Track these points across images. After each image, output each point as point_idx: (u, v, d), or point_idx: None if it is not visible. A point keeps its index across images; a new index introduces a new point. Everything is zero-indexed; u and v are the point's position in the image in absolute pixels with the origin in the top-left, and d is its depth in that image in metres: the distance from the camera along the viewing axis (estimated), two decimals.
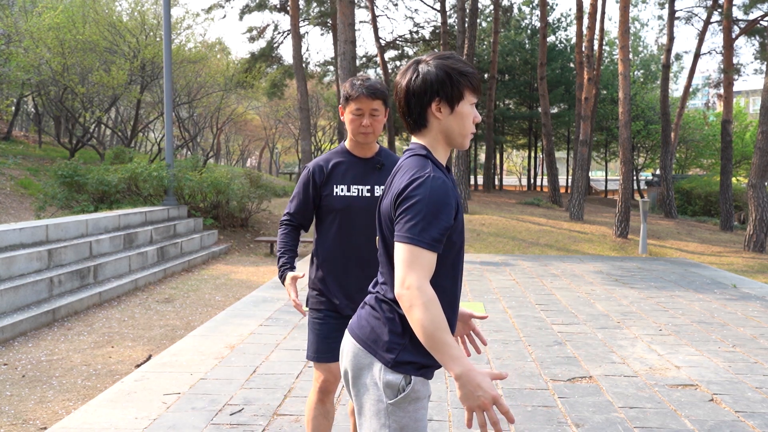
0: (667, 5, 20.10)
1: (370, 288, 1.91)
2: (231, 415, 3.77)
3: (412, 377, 1.70)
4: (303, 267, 9.83)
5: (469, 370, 1.52)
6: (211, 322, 6.17)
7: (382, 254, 1.80)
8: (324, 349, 2.61)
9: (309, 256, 2.88)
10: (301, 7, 23.00)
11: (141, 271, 8.63)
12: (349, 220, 2.61)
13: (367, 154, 2.68)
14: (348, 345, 1.82)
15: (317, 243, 2.70)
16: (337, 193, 2.62)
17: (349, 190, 2.62)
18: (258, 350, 5.17)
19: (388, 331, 1.72)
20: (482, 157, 30.27)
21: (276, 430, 3.57)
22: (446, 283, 1.75)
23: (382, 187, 2.60)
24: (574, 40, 27.07)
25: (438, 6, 23.15)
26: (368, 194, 2.63)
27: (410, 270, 1.57)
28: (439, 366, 1.78)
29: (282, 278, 2.67)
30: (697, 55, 21.00)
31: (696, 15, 22.31)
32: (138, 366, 4.91)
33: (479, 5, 23.35)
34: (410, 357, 1.70)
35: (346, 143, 2.70)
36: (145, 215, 10.25)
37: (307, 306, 2.72)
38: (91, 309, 6.95)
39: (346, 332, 1.87)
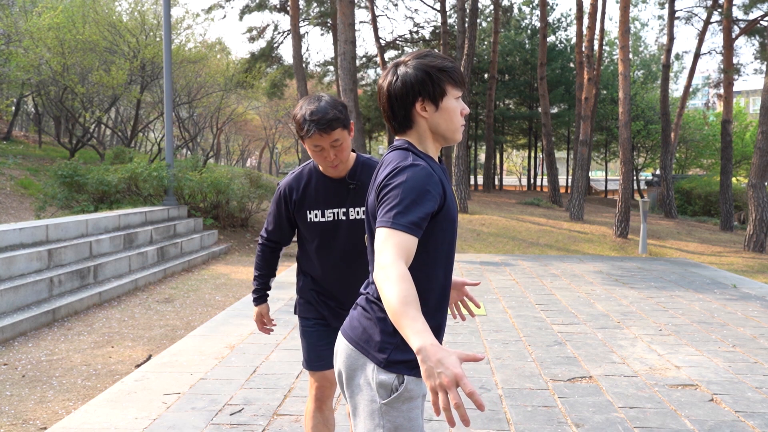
0: (667, 5, 20.11)
1: (361, 290, 1.90)
2: (231, 415, 3.77)
3: (405, 376, 1.69)
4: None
5: (431, 344, 1.39)
6: (211, 322, 6.17)
7: (371, 252, 1.80)
8: (314, 357, 2.57)
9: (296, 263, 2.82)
10: (301, 7, 22.99)
11: (141, 271, 8.63)
12: (326, 245, 2.51)
13: (340, 173, 2.46)
14: (341, 346, 1.82)
15: (299, 256, 2.65)
16: (311, 219, 2.48)
17: (323, 215, 2.47)
18: (258, 350, 5.18)
19: (379, 331, 1.72)
20: (482, 157, 30.27)
21: (276, 430, 3.57)
22: (439, 273, 1.75)
23: (357, 208, 2.49)
24: (574, 40, 27.07)
25: (438, 6, 23.16)
26: (344, 217, 2.47)
27: (384, 251, 1.55)
28: None
29: (255, 303, 2.73)
30: (697, 55, 21.00)
31: (696, 15, 22.31)
32: (138, 366, 4.91)
33: (479, 5, 23.33)
34: (402, 356, 1.70)
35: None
36: (145, 215, 10.25)
37: (296, 313, 2.70)
38: (91, 309, 6.95)
39: (339, 333, 1.87)
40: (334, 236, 2.49)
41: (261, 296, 2.71)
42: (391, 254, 1.53)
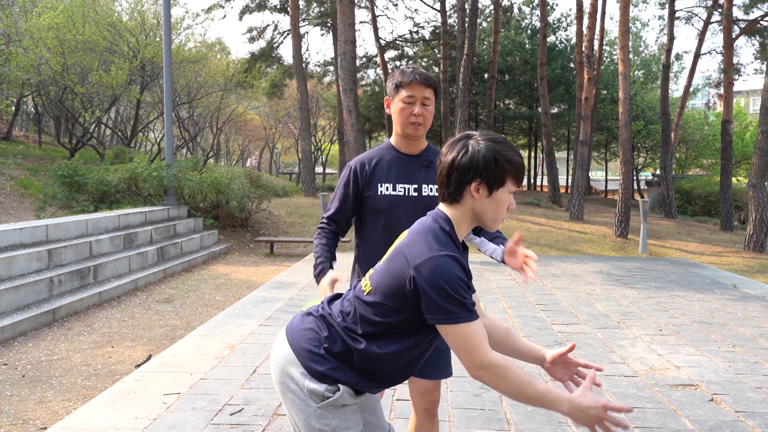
0: (667, 5, 20.11)
1: (325, 302, 1.88)
2: (231, 415, 3.77)
3: (341, 386, 1.74)
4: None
5: (572, 400, 1.59)
6: (211, 322, 6.17)
7: (374, 295, 1.75)
8: None
9: (351, 262, 2.73)
10: (301, 7, 23.00)
11: (141, 271, 8.63)
12: (394, 222, 2.42)
13: (414, 150, 2.48)
14: (280, 346, 1.84)
15: (360, 248, 2.54)
16: (381, 192, 2.43)
17: (394, 189, 2.43)
18: (258, 350, 5.17)
19: (323, 349, 1.75)
20: None
21: (276, 430, 3.57)
22: (413, 353, 1.74)
23: (431, 185, 2.47)
24: (574, 40, 27.07)
25: (438, 6, 23.17)
26: (415, 194, 2.44)
27: (472, 350, 1.59)
28: (370, 391, 1.80)
29: (318, 278, 2.44)
30: (697, 55, 21.00)
31: (696, 15, 22.31)
32: (138, 366, 4.91)
33: (479, 5, 23.34)
34: (337, 376, 1.74)
35: (392, 140, 2.52)
36: (145, 215, 10.24)
37: None
38: (91, 309, 6.95)
39: (284, 329, 1.89)
40: (404, 213, 2.42)
41: (328, 266, 2.47)
42: (480, 349, 1.60)
